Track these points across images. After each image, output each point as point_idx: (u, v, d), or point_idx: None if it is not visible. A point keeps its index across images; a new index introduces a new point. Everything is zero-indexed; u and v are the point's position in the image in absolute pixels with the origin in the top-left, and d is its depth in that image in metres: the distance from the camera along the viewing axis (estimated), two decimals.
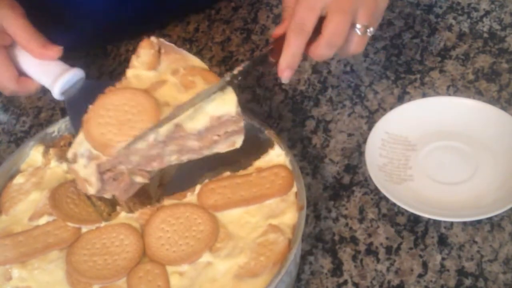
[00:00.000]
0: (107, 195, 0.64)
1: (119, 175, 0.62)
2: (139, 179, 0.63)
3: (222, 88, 0.63)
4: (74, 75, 0.71)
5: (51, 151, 0.70)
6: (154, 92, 0.64)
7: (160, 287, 0.58)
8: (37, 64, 0.72)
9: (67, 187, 0.66)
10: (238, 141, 0.65)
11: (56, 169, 0.69)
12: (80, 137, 0.62)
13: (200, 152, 0.64)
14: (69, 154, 0.62)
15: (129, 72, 0.66)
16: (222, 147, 0.65)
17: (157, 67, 0.66)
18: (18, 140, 0.85)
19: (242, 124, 0.64)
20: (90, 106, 0.63)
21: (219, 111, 0.62)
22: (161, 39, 0.68)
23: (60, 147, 0.71)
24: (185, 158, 0.64)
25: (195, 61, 0.67)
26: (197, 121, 0.62)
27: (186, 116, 0.62)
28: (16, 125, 0.87)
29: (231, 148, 0.65)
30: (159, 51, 0.67)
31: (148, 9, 0.93)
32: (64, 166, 0.69)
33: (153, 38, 0.68)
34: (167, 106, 0.62)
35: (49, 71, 0.71)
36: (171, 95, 0.63)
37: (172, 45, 0.69)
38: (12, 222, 0.65)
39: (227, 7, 0.99)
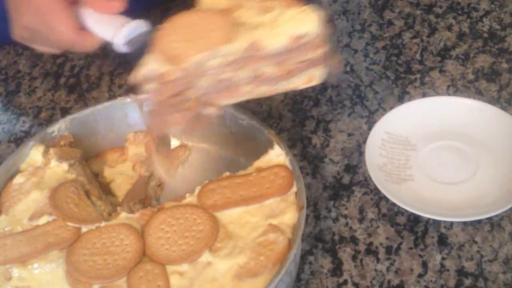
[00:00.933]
0: (172, 131, 0.63)
1: (185, 103, 0.60)
2: (209, 110, 0.60)
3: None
4: (139, 26, 0.67)
5: (51, 150, 0.70)
6: (230, 13, 0.61)
7: (160, 287, 0.58)
8: (100, 18, 0.69)
9: (67, 187, 0.66)
10: (316, 76, 0.61)
11: (56, 168, 0.69)
12: (146, 59, 0.60)
13: (276, 84, 0.61)
14: (131, 79, 0.60)
15: None
16: (299, 81, 0.61)
17: None
18: (18, 140, 0.85)
19: (324, 48, 0.60)
20: (161, 25, 0.61)
21: (299, 29, 0.59)
22: None
23: (60, 147, 0.71)
24: (260, 91, 0.61)
25: None
26: (275, 39, 0.58)
27: (263, 34, 0.59)
28: (16, 125, 0.87)
29: (309, 85, 0.62)
30: None
31: None
32: (64, 165, 0.69)
33: None
34: (243, 26, 0.60)
35: (112, 23, 0.68)
36: (248, 16, 0.61)
37: None
38: (12, 222, 0.65)
39: None
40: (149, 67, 0.58)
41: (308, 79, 0.61)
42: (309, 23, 0.59)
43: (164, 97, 0.59)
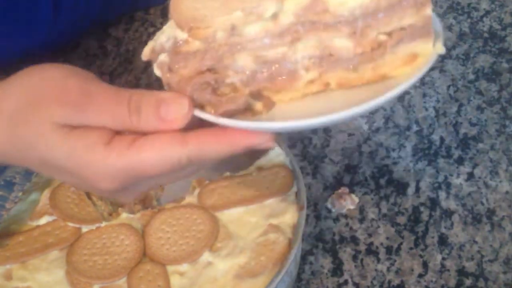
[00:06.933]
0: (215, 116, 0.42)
1: (225, 87, 0.42)
2: (258, 107, 0.42)
3: None
4: None
5: None
6: None
7: (160, 287, 0.58)
8: None
9: (67, 186, 0.66)
10: (422, 52, 0.41)
11: None
12: (166, 26, 0.43)
13: (355, 67, 0.41)
14: (145, 51, 0.44)
15: None
16: (394, 61, 0.41)
17: None
18: None
19: (429, 12, 0.40)
20: None
21: None
22: None
23: None
24: (331, 77, 0.41)
25: None
26: None
27: None
28: None
29: (409, 69, 0.41)
30: None
31: None
32: None
33: None
34: None
35: None
36: None
37: None
38: (12, 222, 0.65)
39: None
40: (162, 38, 0.42)
41: (408, 57, 0.41)
42: None
43: (183, 76, 0.42)
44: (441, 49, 0.41)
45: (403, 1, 0.39)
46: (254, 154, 0.68)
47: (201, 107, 0.42)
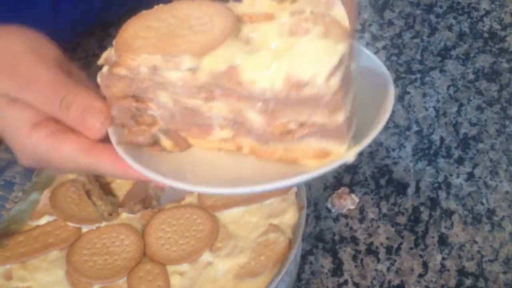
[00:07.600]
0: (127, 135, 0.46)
1: (143, 116, 0.44)
2: (166, 144, 0.44)
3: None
4: None
5: None
6: (246, 20, 0.42)
7: (161, 287, 0.58)
8: None
9: (67, 186, 0.66)
10: (334, 152, 0.40)
11: None
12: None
13: (266, 142, 0.41)
14: (102, 56, 0.45)
15: None
16: (305, 150, 0.40)
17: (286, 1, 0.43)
18: None
19: (341, 116, 0.38)
20: (144, 12, 0.47)
21: (301, 70, 0.37)
22: None
23: None
24: (244, 143, 0.42)
25: (339, 13, 0.41)
26: (264, 74, 0.38)
27: (251, 59, 0.38)
28: None
29: (320, 162, 0.40)
30: None
31: None
32: None
33: None
34: (245, 44, 0.40)
35: None
36: (264, 33, 0.40)
37: None
38: (12, 222, 0.65)
39: None
40: (107, 53, 0.45)
41: (320, 152, 0.40)
42: (322, 59, 0.37)
43: (113, 94, 0.44)
44: (351, 157, 0.40)
45: (314, 100, 0.38)
46: None
47: (122, 126, 0.46)
